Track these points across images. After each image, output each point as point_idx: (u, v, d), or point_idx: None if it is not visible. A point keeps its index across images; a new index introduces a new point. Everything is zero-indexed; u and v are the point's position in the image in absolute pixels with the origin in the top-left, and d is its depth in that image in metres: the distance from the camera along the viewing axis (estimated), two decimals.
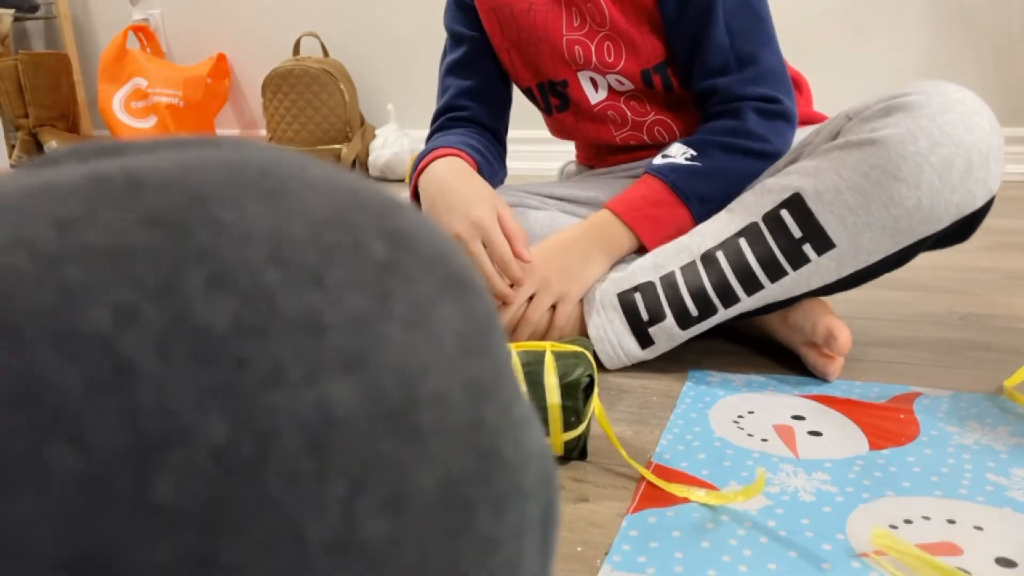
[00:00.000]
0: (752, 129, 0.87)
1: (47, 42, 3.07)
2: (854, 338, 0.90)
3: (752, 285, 0.80)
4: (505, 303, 0.86)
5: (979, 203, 0.74)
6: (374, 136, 2.34)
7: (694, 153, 0.87)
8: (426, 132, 1.03)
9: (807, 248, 0.78)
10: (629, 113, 0.98)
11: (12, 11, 2.80)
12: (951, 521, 0.56)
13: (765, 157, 0.87)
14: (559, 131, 1.08)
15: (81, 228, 0.18)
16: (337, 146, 2.34)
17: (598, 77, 0.96)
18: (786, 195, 0.78)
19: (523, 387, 0.61)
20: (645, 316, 0.84)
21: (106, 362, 0.17)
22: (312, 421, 0.18)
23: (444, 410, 0.20)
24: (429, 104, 1.05)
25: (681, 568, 0.52)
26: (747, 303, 0.81)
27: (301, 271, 0.19)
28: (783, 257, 0.78)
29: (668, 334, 0.83)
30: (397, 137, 2.28)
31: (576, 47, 0.94)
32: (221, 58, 2.65)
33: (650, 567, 0.53)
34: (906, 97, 0.75)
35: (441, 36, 1.07)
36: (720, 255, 0.81)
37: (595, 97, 0.98)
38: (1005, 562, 0.51)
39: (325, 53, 2.41)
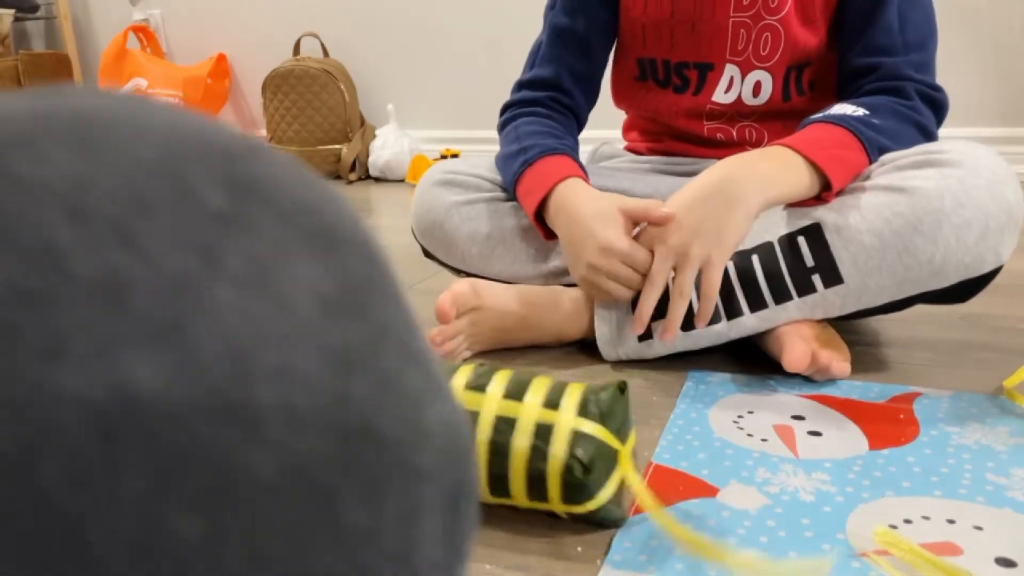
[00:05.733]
0: (920, 107, 0.84)
1: (47, 42, 3.07)
2: (855, 338, 0.90)
3: (756, 301, 0.81)
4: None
5: (986, 268, 0.76)
6: (374, 136, 2.34)
7: (867, 112, 0.82)
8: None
9: (816, 278, 0.79)
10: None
11: (12, 11, 2.79)
12: (951, 521, 0.56)
13: (927, 137, 0.84)
14: (629, 99, 1.04)
15: None
16: (337, 146, 2.34)
17: (737, 76, 0.93)
18: (806, 223, 0.79)
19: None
20: None
21: None
22: (103, 405, 0.15)
23: (291, 386, 0.17)
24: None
25: (681, 567, 0.52)
26: (749, 320, 0.81)
27: (105, 227, 0.16)
28: (791, 281, 0.80)
29: None
30: (397, 137, 2.28)
31: (741, 30, 0.90)
32: (221, 58, 2.65)
33: (650, 567, 0.52)
34: (941, 154, 0.76)
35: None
36: (729, 264, 0.81)
37: (723, 99, 0.95)
38: (1005, 562, 0.51)
39: (325, 53, 2.41)
